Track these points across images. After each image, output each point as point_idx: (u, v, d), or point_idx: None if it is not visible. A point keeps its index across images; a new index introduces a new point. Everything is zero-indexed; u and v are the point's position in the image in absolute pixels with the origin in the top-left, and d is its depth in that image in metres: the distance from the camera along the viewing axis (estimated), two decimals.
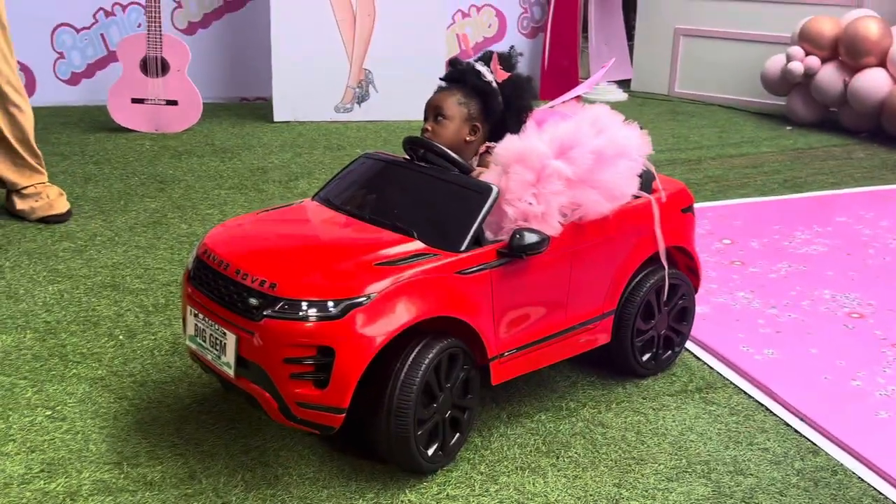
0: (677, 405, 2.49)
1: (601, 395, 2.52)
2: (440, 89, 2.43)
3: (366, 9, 5.67)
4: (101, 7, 5.86)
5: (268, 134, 5.38)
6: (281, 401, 1.97)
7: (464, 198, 2.17)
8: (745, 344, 2.83)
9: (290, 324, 1.93)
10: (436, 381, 2.07)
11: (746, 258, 3.57)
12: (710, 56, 6.67)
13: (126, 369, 2.59)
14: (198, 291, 2.13)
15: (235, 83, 6.22)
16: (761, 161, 5.09)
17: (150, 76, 5.16)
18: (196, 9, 6.07)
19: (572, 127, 2.29)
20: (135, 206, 3.99)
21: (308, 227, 2.29)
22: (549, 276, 2.27)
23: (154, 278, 3.22)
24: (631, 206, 2.42)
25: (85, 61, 5.94)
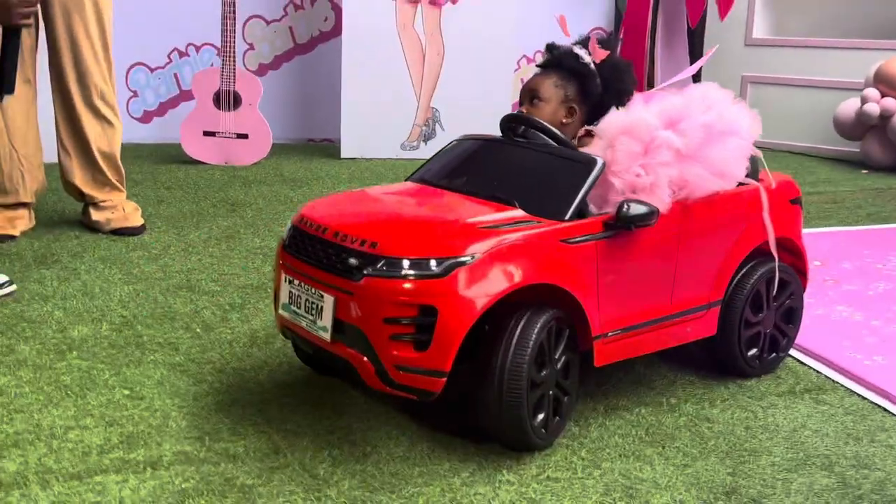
0: (786, 404, 2.33)
1: (703, 393, 2.37)
2: (536, 74, 2.39)
3: (435, 48, 5.72)
4: (175, 47, 6.01)
5: (335, 168, 5.39)
6: (379, 364, 1.88)
7: (567, 169, 2.11)
8: (851, 351, 2.66)
9: (391, 282, 1.85)
10: (547, 347, 1.97)
11: (840, 277, 3.41)
12: (779, 103, 6.58)
13: (204, 357, 2.51)
14: (293, 258, 2.07)
15: (303, 124, 6.29)
16: (841, 198, 4.94)
17: (222, 110, 5.23)
18: (268, 51, 6.19)
19: (681, 101, 2.22)
20: (207, 223, 3.98)
21: (405, 198, 2.23)
22: (655, 255, 2.17)
23: (229, 282, 3.17)
24: (739, 191, 2.33)
25: (158, 100, 6.07)
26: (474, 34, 5.71)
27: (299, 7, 6.18)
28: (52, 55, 3.57)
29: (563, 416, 2.07)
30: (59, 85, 3.59)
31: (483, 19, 5.71)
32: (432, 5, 5.67)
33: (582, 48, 2.36)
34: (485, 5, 5.72)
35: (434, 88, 5.77)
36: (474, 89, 5.73)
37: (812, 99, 6.40)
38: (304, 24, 6.21)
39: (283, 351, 2.56)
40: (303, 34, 6.22)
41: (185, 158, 5.32)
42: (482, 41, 5.73)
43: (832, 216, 4.49)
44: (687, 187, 2.18)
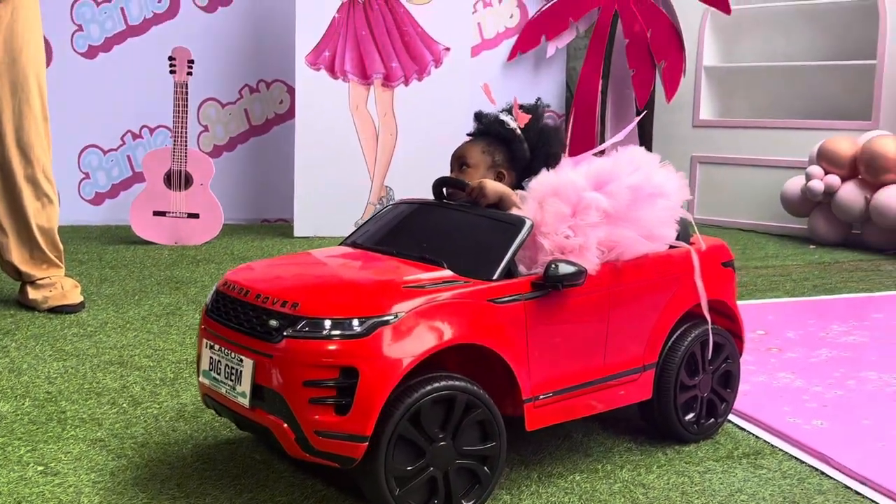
0: (724, 469, 2.28)
1: (640, 459, 2.32)
2: (465, 142, 2.41)
3: (388, 129, 5.79)
4: (129, 129, 6.02)
5: (287, 247, 5.36)
6: (298, 430, 1.81)
7: (496, 230, 2.10)
8: (791, 416, 2.63)
9: (312, 343, 1.81)
10: (420, 432, 1.87)
11: (783, 346, 3.41)
12: (728, 182, 6.70)
13: (128, 432, 2.42)
14: (215, 322, 2.03)
15: (258, 205, 6.28)
16: (788, 271, 4.99)
17: (173, 189, 5.21)
18: (222, 133, 6.22)
19: (609, 163, 2.24)
20: (148, 301, 3.91)
21: (333, 261, 2.21)
22: (586, 316, 2.15)
23: (164, 357, 3.09)
24: (670, 253, 2.34)
25: (110, 182, 6.04)
26: (427, 114, 5.79)
27: (254, 90, 6.25)
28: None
29: (484, 483, 1.98)
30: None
31: (436, 100, 5.80)
32: (385, 87, 5.76)
33: (507, 114, 2.39)
34: (437, 86, 5.82)
35: (387, 167, 5.81)
36: (428, 167, 5.73)
37: (759, 177, 6.53)
38: (260, 106, 6.27)
39: (211, 424, 2.48)
40: (258, 116, 6.27)
41: (134, 239, 5.27)
42: (435, 121, 5.81)
43: (779, 288, 4.52)
44: (616, 248, 2.18)
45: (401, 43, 5.76)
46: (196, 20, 6.03)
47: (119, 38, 5.97)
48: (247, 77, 6.20)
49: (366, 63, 5.71)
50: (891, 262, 5.33)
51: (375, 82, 5.74)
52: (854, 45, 6.41)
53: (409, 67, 5.79)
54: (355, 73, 5.70)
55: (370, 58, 5.71)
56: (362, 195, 5.77)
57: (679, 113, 6.91)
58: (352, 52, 5.68)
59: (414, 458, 1.87)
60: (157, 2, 6.00)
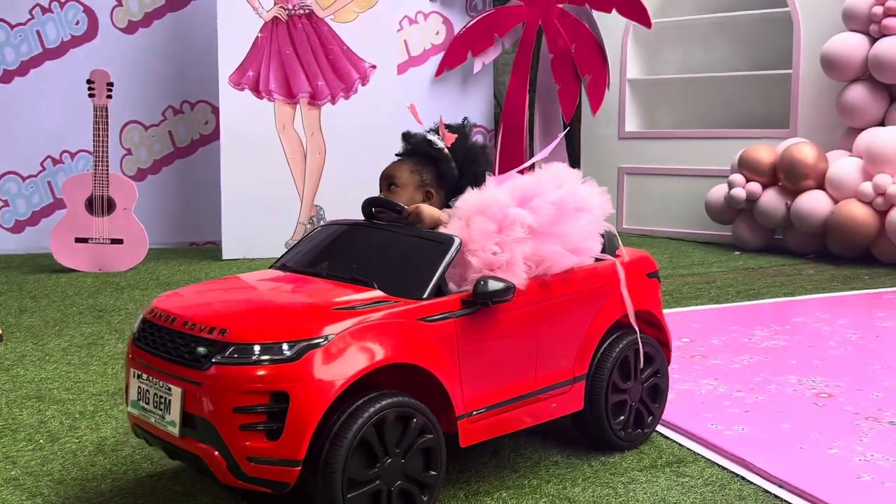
0: (647, 479, 2.31)
1: (566, 473, 2.34)
2: (393, 161, 2.44)
3: (316, 147, 5.76)
4: (48, 155, 5.88)
5: (216, 270, 5.28)
6: (230, 458, 1.81)
7: (425, 249, 2.13)
8: (713, 422, 2.69)
9: (241, 369, 1.81)
10: (378, 440, 1.90)
11: (707, 353, 3.48)
12: (654, 191, 6.84)
13: (44, 469, 2.35)
14: (142, 351, 2.01)
15: (185, 228, 6.18)
16: (713, 278, 5.10)
17: (95, 215, 5.10)
18: (146, 155, 6.12)
19: (532, 179, 2.29)
20: (70, 331, 3.81)
21: (261, 285, 2.21)
22: (516, 331, 2.19)
23: (84, 390, 3.01)
24: (596, 266, 2.39)
25: (30, 209, 5.89)
26: (356, 132, 5.78)
27: (178, 111, 6.16)
28: None
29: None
30: None
31: (363, 117, 5.80)
32: (311, 106, 5.74)
33: (435, 134, 2.43)
34: (364, 104, 5.82)
35: (317, 186, 5.78)
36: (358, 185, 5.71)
37: (684, 186, 6.68)
38: (184, 127, 6.18)
39: (131, 457, 2.42)
40: (183, 138, 6.19)
41: (56, 266, 5.14)
42: (364, 138, 5.80)
43: (704, 295, 4.62)
44: (543, 263, 2.23)
45: (326, 61, 5.75)
46: (115, 42, 5.93)
47: (36, 62, 5.84)
48: (170, 98, 6.12)
49: (291, 82, 5.68)
50: (812, 266, 5.50)
51: (301, 101, 5.71)
52: (770, 56, 6.61)
53: (336, 85, 5.78)
54: (281, 92, 5.67)
55: (295, 77, 5.69)
56: (292, 215, 5.73)
57: (605, 125, 7.03)
58: (276, 71, 5.65)
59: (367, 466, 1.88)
60: (75, 24, 5.88)
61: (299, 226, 5.75)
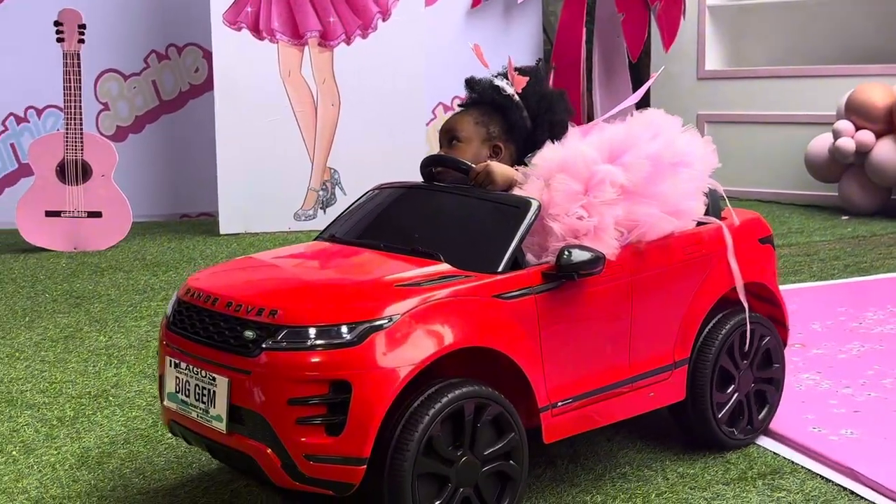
0: (736, 494, 2.33)
1: (636, 487, 2.37)
2: (455, 112, 2.48)
3: (329, 97, 5.79)
4: (10, 112, 5.99)
5: (212, 247, 5.36)
6: (286, 456, 1.89)
7: (498, 215, 2.18)
8: (815, 425, 2.69)
9: (295, 355, 1.89)
10: (451, 436, 1.97)
11: (808, 340, 3.47)
12: (741, 144, 6.78)
13: (18, 486, 2.44)
14: (179, 337, 2.08)
15: (175, 198, 6.27)
16: (815, 249, 5.07)
17: (68, 184, 5.19)
18: (126, 110, 6.20)
19: (623, 130, 2.31)
20: (42, 322, 3.90)
21: (309, 260, 2.30)
22: (606, 308, 2.24)
23: (61, 392, 3.10)
24: (699, 231, 2.42)
25: None
26: (376, 79, 5.80)
27: (164, 57, 6.23)
28: None
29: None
30: None
31: (386, 61, 5.81)
32: (322, 47, 5.77)
33: (503, 79, 2.45)
34: (387, 44, 5.83)
35: (330, 146, 5.82)
36: (380, 145, 5.79)
37: (779, 137, 6.62)
38: (171, 76, 6.25)
39: (120, 472, 2.50)
40: (169, 89, 6.26)
41: (23, 245, 5.24)
42: (387, 87, 5.82)
43: (803, 270, 4.60)
44: (637, 228, 2.25)
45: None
46: None
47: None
48: (153, 42, 6.18)
49: (297, 19, 5.71)
50: None
51: (310, 42, 5.74)
52: None
53: (351, 22, 5.79)
54: (285, 31, 5.70)
55: (302, 12, 5.71)
56: (301, 181, 5.78)
57: (680, 63, 6.97)
58: (280, 6, 5.68)
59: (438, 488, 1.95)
60: None
61: (310, 193, 5.80)
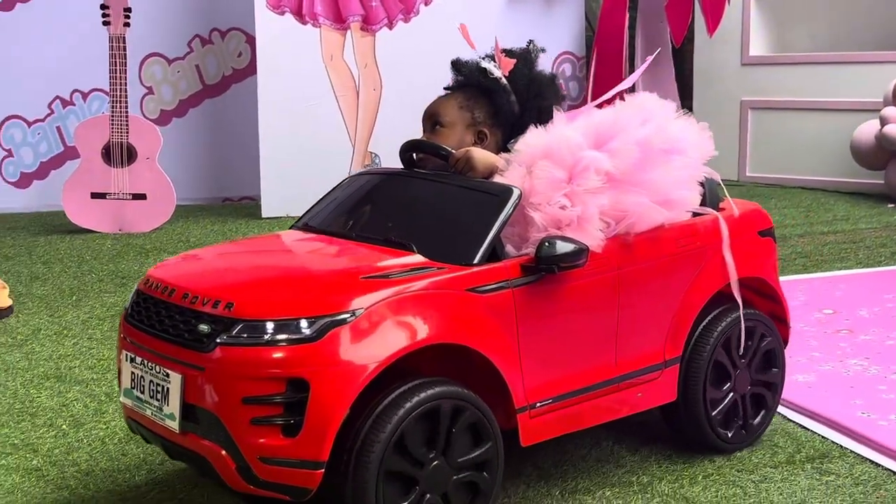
0: (783, 477, 2.31)
1: (682, 469, 2.36)
2: (440, 96, 2.39)
3: (370, 82, 5.80)
4: (57, 95, 6.05)
5: (255, 230, 5.40)
6: (239, 457, 1.80)
7: (476, 203, 2.07)
8: (864, 410, 2.67)
9: (251, 351, 1.78)
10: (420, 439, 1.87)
11: (855, 326, 3.44)
12: (786, 130, 6.71)
13: (69, 459, 2.47)
14: (135, 330, 2.00)
15: (217, 181, 6.31)
16: (860, 237, 5.01)
17: (113, 166, 5.24)
18: (170, 94, 6.25)
19: (611, 115, 2.22)
20: (89, 301, 3.95)
21: (278, 249, 2.21)
22: (591, 303, 2.13)
23: (109, 368, 3.14)
24: (693, 223, 2.31)
25: (37, 159, 6.08)
26: (418, 63, 5.79)
27: (207, 41, 6.26)
28: None
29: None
30: None
31: (428, 45, 5.80)
32: (364, 32, 5.77)
33: (491, 61, 2.36)
34: (429, 29, 5.82)
35: (372, 129, 5.84)
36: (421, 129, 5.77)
37: (824, 124, 6.54)
38: (214, 61, 6.29)
39: None
40: (212, 73, 6.29)
41: (69, 227, 5.30)
42: (428, 71, 5.80)
43: (850, 257, 4.56)
44: (625, 219, 2.15)
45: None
46: None
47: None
48: (197, 27, 6.22)
49: (340, 3, 5.72)
50: None
51: (353, 26, 5.75)
52: None
53: (393, 6, 5.80)
54: (328, 16, 5.71)
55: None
56: (342, 165, 5.79)
57: (724, 49, 6.90)
58: None
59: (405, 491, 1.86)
60: None
61: None
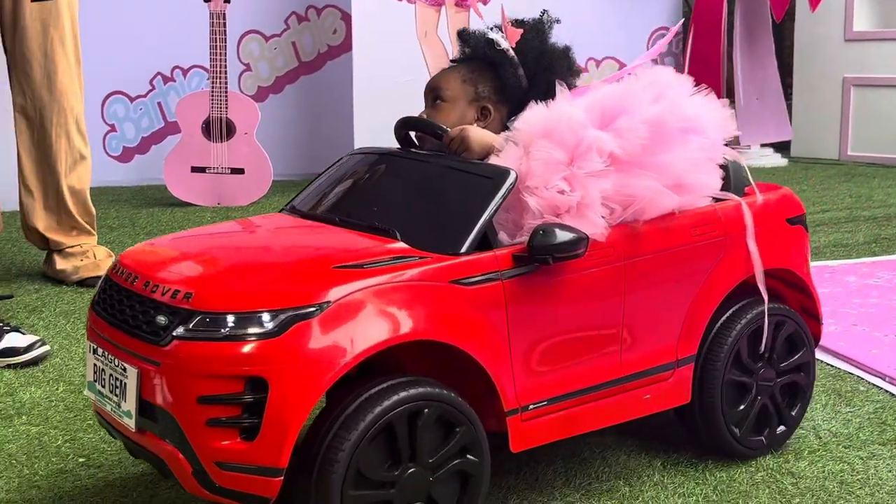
0: (893, 454, 2.26)
1: (789, 443, 2.32)
2: (443, 69, 2.27)
3: None
4: (158, 72, 6.19)
5: None
6: (195, 461, 1.68)
7: (468, 187, 1.93)
8: None
9: (208, 346, 1.67)
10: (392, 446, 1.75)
11: None
12: (890, 109, 6.53)
13: None
14: (99, 319, 1.89)
15: (312, 157, 6.38)
16: None
17: (213, 141, 5.35)
18: (267, 71, 6.34)
19: (619, 91, 2.06)
20: None
21: (255, 235, 2.09)
22: (592, 297, 1.97)
23: None
24: (713, 209, 2.14)
25: (139, 134, 6.23)
26: None
27: (303, 18, 6.34)
28: (20, 76, 3.67)
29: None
30: (26, 109, 3.70)
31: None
32: (459, 7, 5.77)
33: (499, 32, 2.21)
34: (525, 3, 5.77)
35: None
36: None
37: None
38: (310, 38, 6.36)
39: None
40: (308, 50, 6.37)
41: (170, 200, 5.44)
42: None
43: None
44: (633, 205, 1.98)
45: None
46: None
47: None
48: (294, 4, 6.30)
49: None
50: None
51: (447, 2, 5.75)
52: None
53: None
54: None
55: None
56: None
57: (826, 24, 6.75)
58: None
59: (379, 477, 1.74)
60: None
61: None
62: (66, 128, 3.72)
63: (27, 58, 3.63)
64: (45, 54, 3.64)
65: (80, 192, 3.83)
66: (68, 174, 3.77)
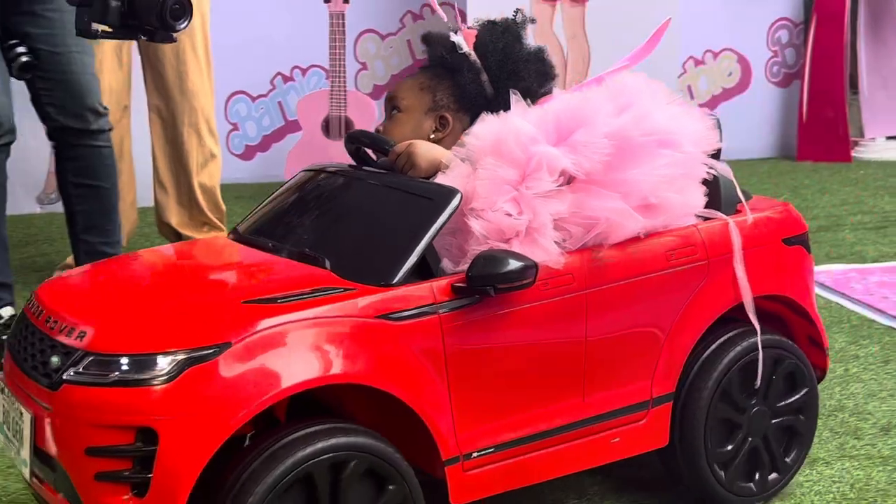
0: None
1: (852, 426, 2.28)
2: (405, 77, 2.16)
3: (579, 52, 5.80)
4: (278, 72, 6.34)
5: None
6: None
7: (407, 209, 1.78)
8: None
9: (97, 391, 1.54)
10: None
11: None
12: None
13: None
14: (9, 355, 1.79)
15: None
16: None
17: (332, 139, 5.46)
18: (383, 69, 6.44)
19: (576, 100, 1.89)
20: None
21: (177, 264, 2.00)
22: (547, 331, 1.80)
23: None
24: (693, 231, 1.97)
25: (260, 133, 6.40)
26: (628, 34, 5.70)
27: (418, 17, 6.41)
28: (154, 77, 3.84)
29: None
30: (160, 109, 3.87)
31: (639, 14, 5.73)
32: (575, 2, 5.77)
33: (458, 34, 2.05)
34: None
35: None
36: None
37: None
38: None
39: None
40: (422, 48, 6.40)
41: None
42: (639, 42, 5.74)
43: None
44: (595, 228, 1.82)
45: None
46: None
47: None
48: (409, 2, 6.37)
49: None
50: None
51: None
52: None
53: None
54: None
55: None
56: None
57: None
58: None
59: None
60: None
61: None
62: (197, 127, 3.87)
63: (160, 59, 3.79)
64: (177, 56, 3.79)
65: (210, 189, 3.98)
66: (199, 172, 3.92)
